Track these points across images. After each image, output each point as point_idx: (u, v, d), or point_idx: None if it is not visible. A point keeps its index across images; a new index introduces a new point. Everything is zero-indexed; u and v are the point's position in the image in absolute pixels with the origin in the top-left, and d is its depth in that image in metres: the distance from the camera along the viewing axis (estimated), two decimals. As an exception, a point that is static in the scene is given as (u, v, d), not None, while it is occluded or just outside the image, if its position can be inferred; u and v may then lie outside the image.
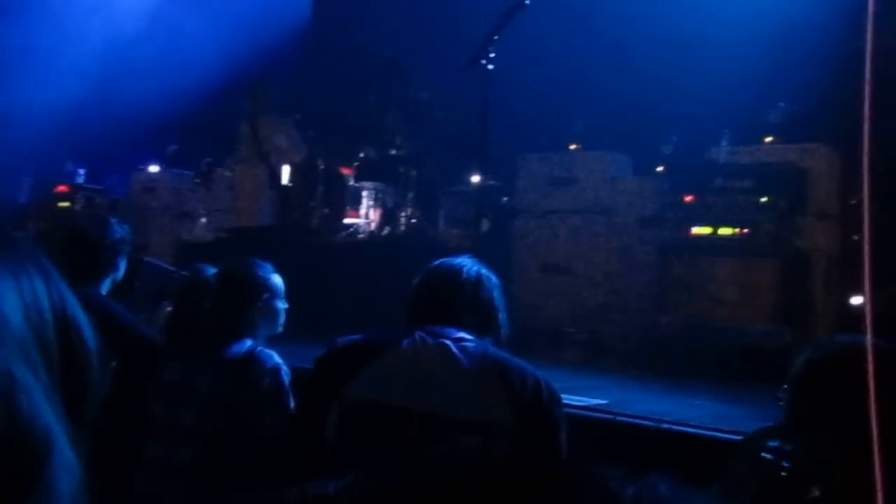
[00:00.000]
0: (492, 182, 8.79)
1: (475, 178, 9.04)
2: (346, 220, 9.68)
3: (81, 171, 12.88)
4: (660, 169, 8.12)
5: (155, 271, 5.69)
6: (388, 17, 11.38)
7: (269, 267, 4.00)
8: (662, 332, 7.05)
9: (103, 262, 4.16)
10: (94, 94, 12.79)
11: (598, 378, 6.63)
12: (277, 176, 9.92)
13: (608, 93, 9.02)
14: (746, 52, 8.36)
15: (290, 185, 9.89)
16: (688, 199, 7.19)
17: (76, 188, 12.52)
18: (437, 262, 3.26)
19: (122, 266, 4.30)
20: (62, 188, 12.58)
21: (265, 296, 3.88)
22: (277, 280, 3.97)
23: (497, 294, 3.21)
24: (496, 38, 5.59)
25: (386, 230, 9.40)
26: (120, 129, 12.80)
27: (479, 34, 6.00)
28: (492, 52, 5.60)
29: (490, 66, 5.60)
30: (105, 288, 4.19)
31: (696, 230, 7.07)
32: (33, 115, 12.60)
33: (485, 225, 8.80)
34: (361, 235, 9.44)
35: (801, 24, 7.84)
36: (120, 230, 4.24)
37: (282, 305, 3.95)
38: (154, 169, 12.22)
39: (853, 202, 7.67)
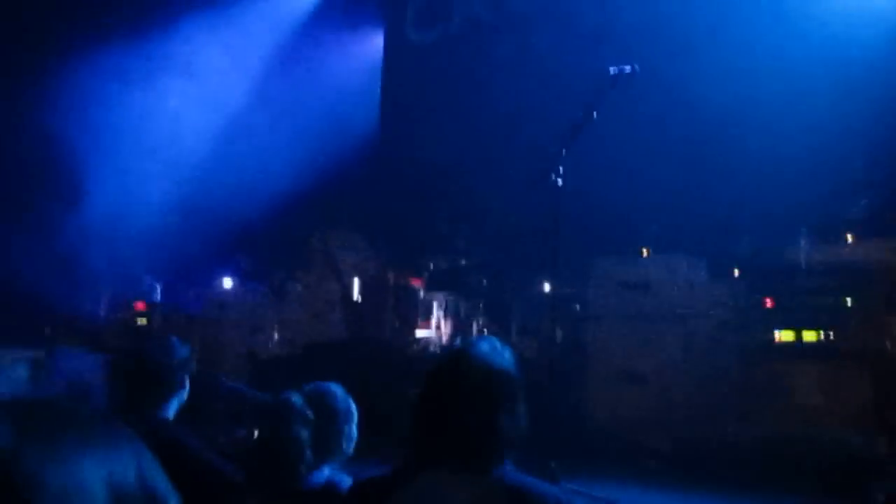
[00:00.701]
0: (564, 289, 8.64)
1: (546, 287, 8.94)
2: (418, 333, 9.57)
3: (158, 287, 13.02)
4: (736, 272, 7.87)
5: (230, 393, 5.58)
6: (456, 129, 11.45)
7: (342, 390, 3.88)
8: (745, 443, 6.72)
9: (167, 384, 4.07)
10: (170, 210, 13.05)
11: (680, 495, 6.32)
12: (349, 289, 9.90)
13: (679, 194, 8.89)
14: (822, 145, 8.21)
15: (360, 298, 9.87)
16: (768, 302, 6.93)
17: (153, 305, 12.66)
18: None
19: (187, 386, 4.21)
20: (139, 305, 12.75)
21: (348, 422, 3.76)
22: (352, 404, 3.86)
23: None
24: (564, 153, 5.49)
25: (458, 341, 9.25)
26: (195, 244, 13.00)
27: (547, 140, 5.93)
28: (560, 168, 5.50)
29: (559, 182, 5.50)
30: (172, 411, 4.08)
31: (778, 335, 6.79)
32: (112, 231, 12.88)
33: (558, 334, 8.64)
34: (434, 348, 9.31)
35: (880, 115, 7.68)
36: (182, 350, 4.17)
37: (355, 430, 3.83)
38: (228, 284, 12.31)
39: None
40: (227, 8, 13.47)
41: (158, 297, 12.88)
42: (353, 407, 3.85)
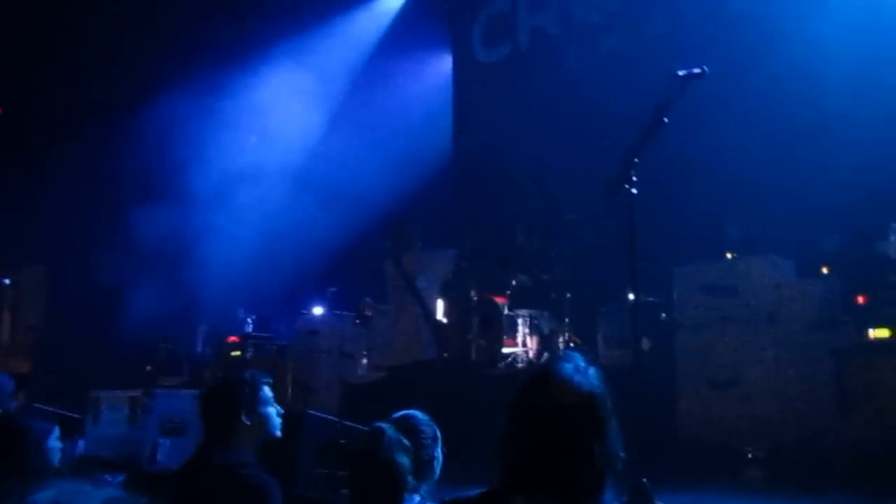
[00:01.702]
0: (649, 298, 8.52)
1: (631, 296, 8.80)
2: (504, 350, 9.52)
3: (250, 321, 13.23)
4: (825, 269, 7.66)
5: (318, 425, 5.55)
6: (529, 143, 11.42)
7: (426, 416, 3.87)
8: (845, 446, 6.51)
9: (235, 421, 4.01)
10: (259, 244, 13.27)
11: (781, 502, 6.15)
12: (431, 311, 9.92)
13: (761, 194, 8.71)
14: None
15: (445, 319, 9.87)
16: (860, 299, 6.71)
17: (246, 337, 12.87)
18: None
19: (269, 420, 4.13)
20: (233, 338, 12.97)
21: (435, 446, 3.75)
22: (437, 428, 3.86)
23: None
24: (637, 160, 5.39)
25: (545, 357, 9.18)
26: (285, 274, 13.19)
27: (621, 148, 5.85)
28: (634, 176, 5.40)
29: (634, 191, 5.40)
30: (249, 452, 4.02)
31: (872, 333, 6.57)
32: (207, 269, 13.18)
33: (645, 343, 8.50)
34: (521, 365, 9.25)
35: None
36: (251, 384, 4.11)
37: (441, 452, 3.82)
38: (317, 311, 12.44)
39: None
40: (303, 36, 13.70)
41: (251, 328, 13.09)
42: (438, 431, 3.84)
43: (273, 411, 4.14)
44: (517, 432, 2.60)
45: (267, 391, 4.14)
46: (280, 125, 13.74)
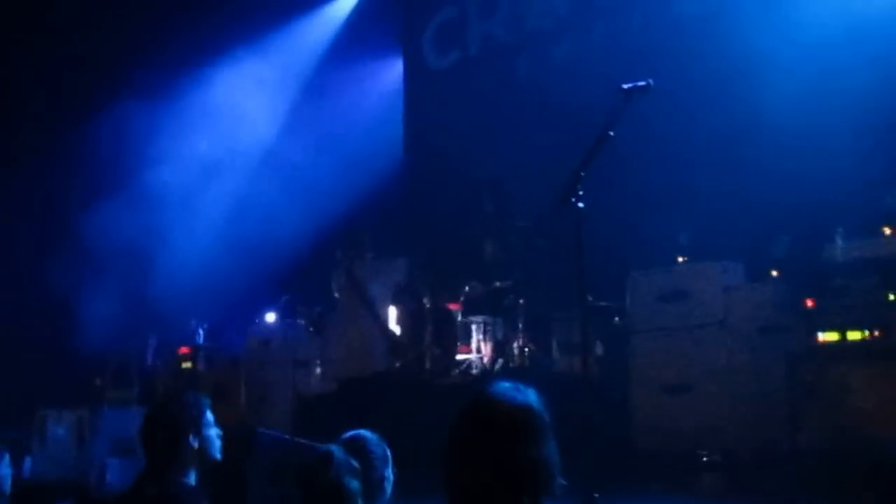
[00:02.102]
0: (602, 303, 8.53)
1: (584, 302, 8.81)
2: (459, 357, 9.49)
3: (201, 331, 13.07)
4: (774, 273, 7.72)
5: (270, 443, 5.45)
6: (480, 150, 11.42)
7: (376, 436, 3.83)
8: (799, 449, 6.55)
9: (181, 445, 3.89)
10: (210, 252, 13.13)
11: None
12: (384, 320, 9.86)
13: (710, 199, 8.77)
14: (853, 139, 8.06)
15: (398, 327, 9.82)
16: (809, 303, 6.76)
17: (197, 348, 12.70)
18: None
19: (212, 442, 4.03)
20: (184, 349, 12.81)
21: (386, 466, 3.71)
22: (387, 448, 3.82)
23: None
24: (583, 174, 5.39)
25: (499, 363, 9.16)
26: (236, 283, 13.06)
27: (570, 158, 5.84)
28: (580, 190, 5.40)
29: (581, 204, 5.40)
30: (192, 477, 3.92)
31: (822, 337, 6.62)
32: (157, 278, 13.01)
33: (598, 348, 8.53)
34: (475, 371, 9.22)
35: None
36: (196, 405, 4.00)
37: (392, 472, 3.78)
38: (270, 318, 12.30)
39: None
40: (252, 43, 13.58)
41: (202, 339, 12.93)
42: (388, 451, 3.80)
43: (215, 433, 4.05)
44: (457, 450, 2.62)
45: (209, 413, 4.05)
46: (232, 129, 13.62)
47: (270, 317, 12.26)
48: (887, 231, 7.01)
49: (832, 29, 8.32)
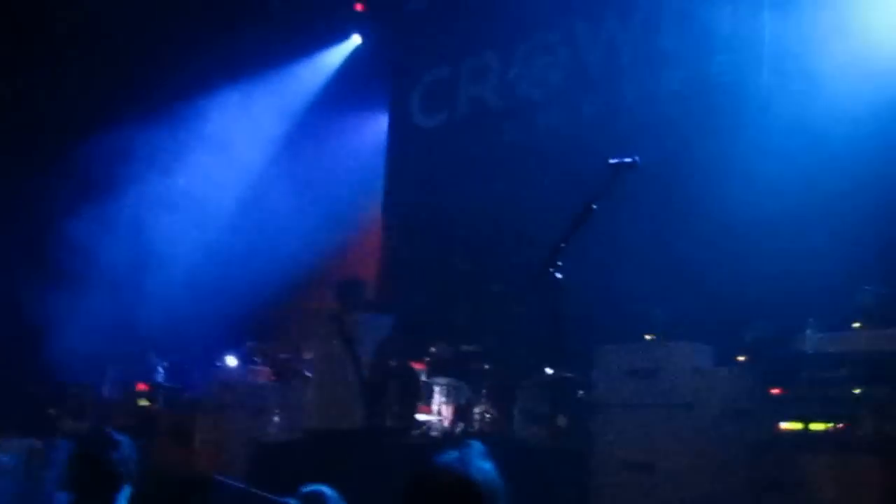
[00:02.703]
0: (568, 375, 8.49)
1: (549, 372, 8.79)
2: (419, 417, 9.41)
3: (161, 369, 12.90)
4: (741, 358, 7.73)
5: (226, 492, 5.32)
6: (459, 212, 11.45)
7: (334, 493, 3.77)
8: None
9: (105, 481, 3.79)
10: (179, 288, 13.02)
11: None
12: (366, 378, 9.76)
13: (686, 281, 8.81)
14: (830, 232, 8.15)
15: (364, 382, 9.73)
16: (775, 391, 6.76)
17: (156, 386, 12.54)
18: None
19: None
20: (142, 386, 12.64)
21: None
22: None
23: None
24: (563, 246, 5.41)
25: (459, 427, 9.08)
26: (204, 323, 12.94)
27: (550, 228, 5.86)
28: (559, 262, 5.42)
29: (559, 275, 5.41)
30: None
31: (784, 425, 6.62)
32: (117, 310, 12.85)
33: (562, 420, 8.46)
34: (434, 433, 9.14)
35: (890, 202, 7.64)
36: (126, 450, 3.91)
37: None
38: (231, 362, 12.17)
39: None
40: (245, 83, 13.62)
41: (161, 378, 12.75)
42: None
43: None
44: None
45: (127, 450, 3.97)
46: (215, 166, 13.59)
47: (232, 361, 12.13)
48: (859, 327, 7.06)
49: (825, 125, 8.43)
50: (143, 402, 12.41)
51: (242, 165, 13.74)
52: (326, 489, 3.75)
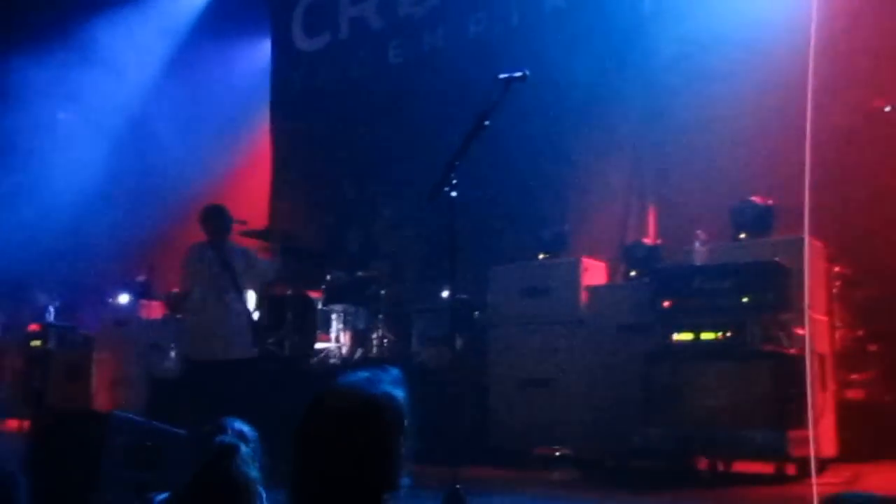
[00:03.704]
0: (463, 297, 8.50)
1: (445, 294, 8.81)
2: (318, 346, 9.36)
3: (51, 309, 12.58)
4: (633, 273, 7.84)
5: (125, 426, 5.13)
6: (349, 134, 11.29)
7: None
8: (650, 445, 6.67)
9: None
10: (65, 225, 12.64)
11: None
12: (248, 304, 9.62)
13: (575, 195, 8.89)
14: (719, 146, 8.27)
15: (257, 312, 9.59)
16: (666, 303, 6.87)
17: (47, 326, 12.25)
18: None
19: None
20: (34, 327, 12.34)
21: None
22: None
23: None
24: (457, 163, 5.34)
25: (358, 353, 9.07)
26: (93, 260, 12.63)
27: (443, 147, 5.78)
28: (454, 179, 5.35)
29: (454, 194, 5.35)
30: None
31: (676, 336, 6.75)
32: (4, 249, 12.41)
33: (458, 341, 8.51)
34: (333, 360, 9.11)
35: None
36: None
37: None
38: (124, 300, 11.90)
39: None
40: (121, 10, 13.14)
41: (52, 318, 12.45)
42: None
43: None
44: (306, 446, 2.51)
45: None
46: (97, 99, 13.14)
47: (124, 298, 11.86)
48: (743, 237, 7.20)
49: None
50: (35, 343, 12.10)
51: (129, 90, 13.31)
52: (238, 421, 3.62)
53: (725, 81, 8.18)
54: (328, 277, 9.50)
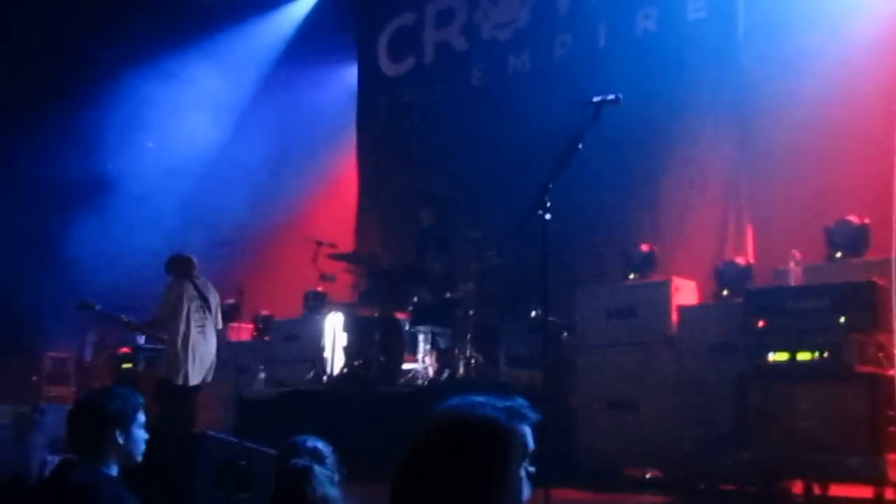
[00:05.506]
0: (551, 318, 8.46)
1: (532, 315, 8.80)
2: (405, 366, 9.41)
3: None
4: (725, 293, 7.73)
5: (217, 445, 5.23)
6: (440, 160, 11.41)
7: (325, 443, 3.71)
8: (743, 469, 6.56)
9: (107, 438, 3.71)
10: (154, 246, 12.90)
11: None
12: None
13: (667, 215, 8.85)
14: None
15: (346, 334, 9.71)
16: (760, 323, 6.77)
17: (137, 349, 12.49)
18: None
19: (136, 443, 3.84)
20: (124, 349, 12.60)
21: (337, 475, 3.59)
22: None
23: None
24: (551, 186, 5.35)
25: (445, 374, 9.07)
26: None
27: (532, 173, 5.79)
28: (548, 202, 5.36)
29: (547, 216, 5.36)
30: (114, 470, 3.74)
31: (772, 356, 6.63)
32: (98, 274, 12.72)
33: (546, 363, 8.48)
34: (420, 381, 9.14)
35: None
36: (130, 403, 3.83)
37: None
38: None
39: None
40: (209, 41, 13.39)
41: (143, 340, 12.68)
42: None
43: (142, 435, 3.88)
44: (408, 477, 2.38)
45: (142, 414, 3.89)
46: (184, 132, 13.40)
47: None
48: (837, 255, 7.08)
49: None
50: (126, 366, 12.34)
51: (212, 129, 13.56)
52: (318, 440, 3.69)
53: (817, 101, 8.06)
54: (415, 299, 9.54)
